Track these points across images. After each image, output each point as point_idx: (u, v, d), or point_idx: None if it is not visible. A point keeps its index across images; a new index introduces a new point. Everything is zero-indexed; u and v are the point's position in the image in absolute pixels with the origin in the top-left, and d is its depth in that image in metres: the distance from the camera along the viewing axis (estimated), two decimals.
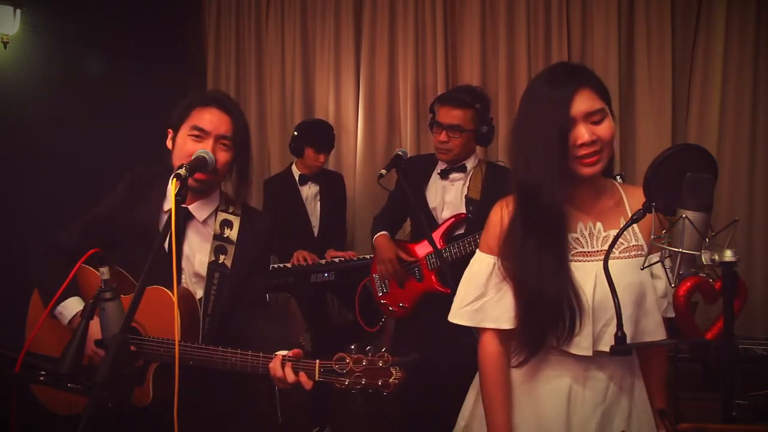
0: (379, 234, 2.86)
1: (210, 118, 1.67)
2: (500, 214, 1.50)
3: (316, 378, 1.50)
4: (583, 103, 1.36)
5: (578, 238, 1.46)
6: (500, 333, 1.51)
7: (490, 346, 1.52)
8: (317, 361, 1.50)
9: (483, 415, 1.54)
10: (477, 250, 1.57)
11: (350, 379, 1.47)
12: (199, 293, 1.71)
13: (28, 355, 1.49)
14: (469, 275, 1.55)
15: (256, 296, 1.78)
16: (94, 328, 1.46)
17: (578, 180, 1.41)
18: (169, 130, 1.74)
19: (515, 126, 1.46)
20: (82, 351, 1.43)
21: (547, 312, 1.39)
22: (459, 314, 1.54)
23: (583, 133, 1.36)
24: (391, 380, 1.47)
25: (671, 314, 1.50)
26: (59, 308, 1.65)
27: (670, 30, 3.78)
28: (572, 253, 1.44)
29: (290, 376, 1.49)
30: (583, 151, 1.36)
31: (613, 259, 1.42)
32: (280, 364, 1.49)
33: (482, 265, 1.52)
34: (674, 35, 3.80)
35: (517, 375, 1.53)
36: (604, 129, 1.38)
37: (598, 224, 1.47)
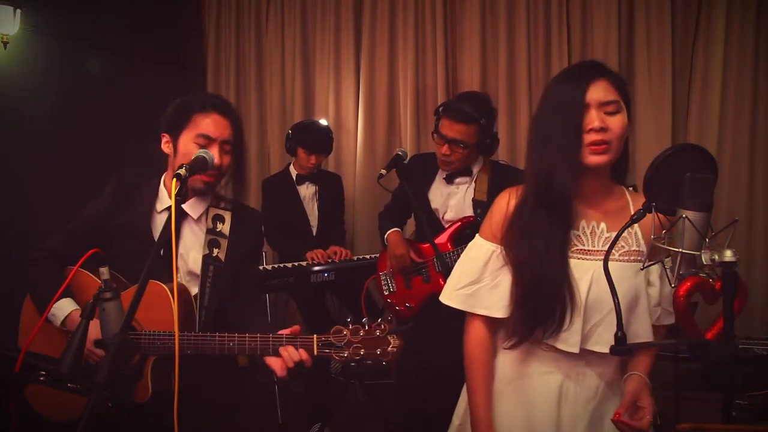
0: (391, 230, 2.84)
1: (214, 125, 1.72)
2: (506, 201, 1.50)
3: (315, 352, 1.53)
4: (598, 91, 1.38)
5: (579, 236, 1.46)
6: (489, 320, 1.52)
7: (478, 333, 1.53)
8: (314, 335, 1.52)
9: None
10: (477, 234, 1.57)
11: (349, 350, 1.50)
12: (194, 291, 1.73)
13: (28, 355, 1.49)
14: (466, 259, 1.56)
15: (249, 289, 1.81)
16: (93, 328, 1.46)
17: (586, 174, 1.42)
18: (164, 135, 1.76)
19: (533, 122, 1.49)
20: (82, 351, 1.44)
21: (543, 299, 1.40)
22: (452, 296, 1.54)
23: (593, 118, 1.37)
24: (389, 348, 1.51)
25: (666, 322, 1.51)
26: (51, 310, 1.66)
27: (670, 30, 3.79)
28: (572, 249, 1.44)
29: (294, 355, 1.52)
30: (592, 138, 1.37)
31: (612, 260, 1.43)
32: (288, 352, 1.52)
33: (481, 251, 1.52)
34: (674, 35, 3.81)
35: (507, 370, 1.54)
36: (616, 121, 1.38)
37: (602, 224, 1.46)
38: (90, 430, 1.17)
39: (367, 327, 1.51)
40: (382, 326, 1.51)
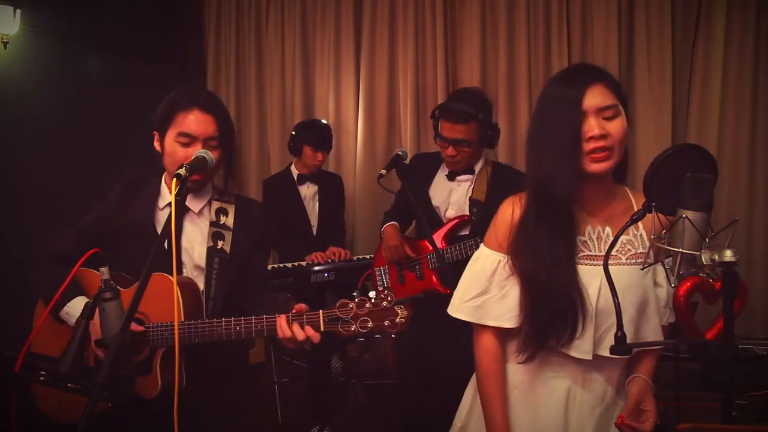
0: (388, 224, 2.87)
1: (196, 123, 1.67)
2: (511, 210, 1.47)
3: (322, 328, 1.50)
4: (595, 97, 1.35)
5: (586, 241, 1.44)
6: (499, 330, 1.49)
7: (488, 343, 1.50)
8: (320, 311, 1.51)
9: (479, 415, 1.53)
10: (482, 244, 1.55)
11: (356, 323, 1.48)
12: (201, 285, 1.73)
13: (28, 355, 1.49)
14: (472, 270, 1.53)
15: (259, 280, 1.81)
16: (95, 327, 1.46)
17: (588, 180, 1.40)
18: (155, 132, 1.74)
19: (531, 124, 1.46)
20: (83, 351, 1.43)
21: (553, 309, 1.38)
22: (460, 308, 1.51)
23: (593, 126, 1.34)
24: (397, 319, 1.47)
25: (671, 320, 1.51)
26: (65, 309, 1.66)
27: (670, 30, 3.78)
28: (579, 255, 1.42)
29: (299, 333, 1.50)
30: (592, 145, 1.35)
31: (620, 264, 1.42)
32: (286, 323, 1.51)
33: (487, 262, 1.50)
34: (674, 35, 3.80)
35: (515, 375, 1.52)
36: (616, 126, 1.36)
37: (607, 229, 1.45)
38: (90, 430, 1.17)
39: (373, 299, 1.48)
40: (389, 297, 1.48)
